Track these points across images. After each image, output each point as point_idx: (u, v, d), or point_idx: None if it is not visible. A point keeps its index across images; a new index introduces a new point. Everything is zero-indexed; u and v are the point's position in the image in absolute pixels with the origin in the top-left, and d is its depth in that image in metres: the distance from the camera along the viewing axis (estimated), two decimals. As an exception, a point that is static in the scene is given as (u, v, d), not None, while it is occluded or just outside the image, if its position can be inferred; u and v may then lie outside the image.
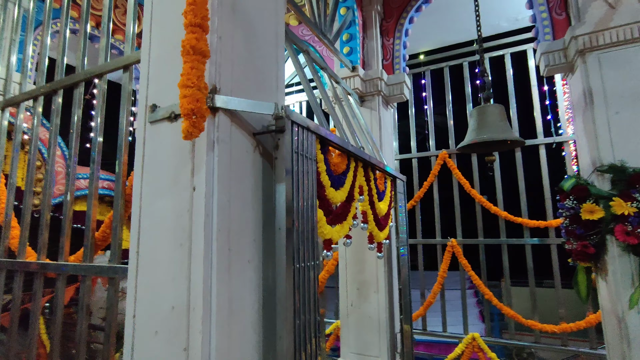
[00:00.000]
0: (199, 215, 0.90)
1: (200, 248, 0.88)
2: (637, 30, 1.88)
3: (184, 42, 0.88)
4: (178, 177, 0.97)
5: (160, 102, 1.05)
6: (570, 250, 2.03)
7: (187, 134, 0.84)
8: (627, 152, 1.82)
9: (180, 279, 0.91)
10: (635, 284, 1.75)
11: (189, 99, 0.84)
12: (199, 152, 0.94)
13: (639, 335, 1.72)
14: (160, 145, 1.03)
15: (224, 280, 0.91)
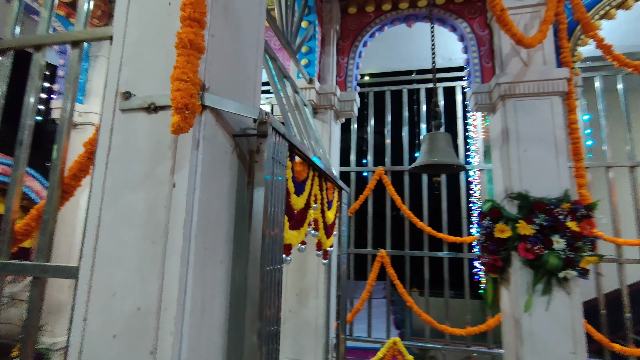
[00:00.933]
0: (178, 213, 0.88)
1: (178, 245, 0.86)
2: (542, 86, 2.32)
3: (181, 35, 0.86)
4: (154, 172, 0.93)
5: (135, 90, 0.99)
6: (483, 263, 2.37)
7: (177, 128, 0.82)
8: (531, 183, 2.21)
9: (150, 277, 0.87)
10: (529, 292, 2.11)
11: (183, 93, 0.82)
12: (181, 148, 0.91)
13: (529, 334, 2.07)
14: (133, 136, 0.97)
15: (199, 279, 0.90)
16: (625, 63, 2.28)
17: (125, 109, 0.99)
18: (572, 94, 2.29)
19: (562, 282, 2.06)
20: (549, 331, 2.05)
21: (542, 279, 2.09)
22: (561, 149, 2.24)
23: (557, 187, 2.18)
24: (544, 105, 2.30)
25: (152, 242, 0.89)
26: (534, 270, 2.11)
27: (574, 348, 2.01)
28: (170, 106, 0.93)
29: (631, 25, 3.12)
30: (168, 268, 0.86)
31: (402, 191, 3.77)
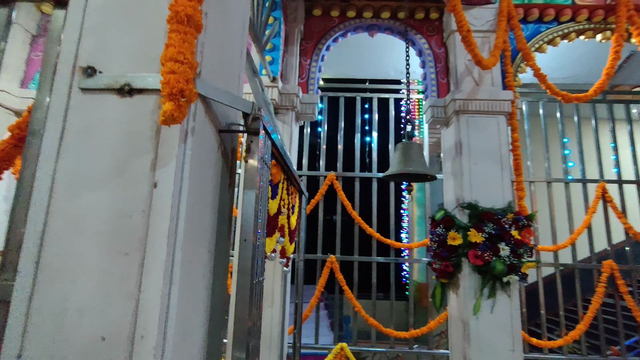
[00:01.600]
0: (161, 218, 0.73)
1: (161, 258, 0.71)
2: (490, 105, 2.52)
3: (177, 8, 0.72)
4: (126, 168, 0.76)
5: (101, 66, 0.81)
6: (434, 269, 2.48)
7: (168, 118, 0.68)
8: (480, 194, 2.37)
9: (120, 298, 0.70)
10: (477, 296, 2.25)
11: (179, 77, 0.68)
12: (166, 141, 0.76)
13: (476, 335, 2.21)
14: (98, 122, 0.78)
15: (183, 298, 0.75)
16: (556, 92, 2.59)
17: (87, 88, 0.80)
18: (515, 114, 2.52)
19: (505, 286, 2.24)
20: (493, 331, 2.20)
21: (488, 284, 2.24)
22: (505, 164, 2.44)
23: (502, 199, 2.37)
24: (491, 123, 2.50)
25: (124, 255, 0.72)
26: (481, 276, 2.26)
27: (512, 346, 2.19)
28: (152, 90, 0.78)
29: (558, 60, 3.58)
30: (147, 286, 0.70)
31: (353, 197, 3.81)
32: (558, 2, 2.69)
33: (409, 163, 1.91)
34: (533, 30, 2.75)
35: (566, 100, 2.56)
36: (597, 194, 3.69)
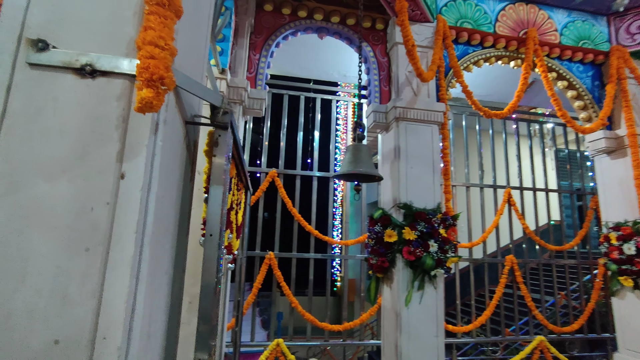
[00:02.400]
0: (129, 212, 0.68)
1: (128, 254, 0.67)
2: (426, 115, 2.76)
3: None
4: (88, 156, 0.69)
5: (56, 40, 0.73)
6: (371, 264, 2.64)
7: (145, 105, 0.64)
8: (415, 196, 2.59)
9: (79, 297, 0.64)
10: (408, 288, 2.46)
11: (159, 63, 0.65)
12: (135, 130, 0.71)
13: (407, 325, 2.42)
14: (51, 104, 0.70)
15: (149, 297, 0.71)
16: (479, 108, 2.94)
17: (37, 64, 0.71)
18: (446, 125, 2.81)
19: (432, 279, 2.48)
20: (421, 320, 2.43)
21: (419, 277, 2.47)
22: (436, 169, 2.70)
23: (432, 200, 2.62)
24: (427, 131, 2.74)
25: (85, 250, 0.66)
26: (413, 270, 2.47)
27: (436, 332, 2.44)
28: (119, 73, 0.73)
29: (479, 78, 4.05)
30: (112, 284, 0.65)
31: (293, 195, 3.85)
32: (483, 30, 3.05)
33: (359, 164, 2.01)
34: (462, 51, 3.08)
35: (487, 115, 2.93)
36: (504, 198, 4.26)
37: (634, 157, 3.05)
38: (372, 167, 2.09)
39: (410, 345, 2.38)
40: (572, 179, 4.65)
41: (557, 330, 4.11)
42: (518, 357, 3.82)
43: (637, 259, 2.87)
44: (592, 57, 3.31)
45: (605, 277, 4.07)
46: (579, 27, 3.29)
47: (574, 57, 3.30)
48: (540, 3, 3.22)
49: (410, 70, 2.83)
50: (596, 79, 3.37)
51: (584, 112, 3.35)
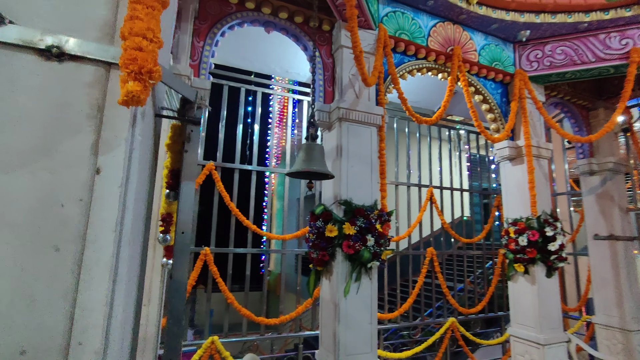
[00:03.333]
0: (106, 209, 0.64)
1: (107, 254, 0.63)
2: (366, 117, 2.94)
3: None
4: (54, 148, 0.63)
5: (13, 14, 0.65)
6: (312, 258, 2.74)
7: (132, 99, 0.61)
8: (354, 193, 2.75)
9: (48, 302, 0.59)
10: (347, 280, 2.62)
11: (148, 56, 0.62)
12: (112, 122, 0.67)
13: (345, 314, 2.57)
14: (8, 86, 0.62)
15: (125, 298, 0.68)
16: (412, 114, 3.22)
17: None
18: (384, 127, 3.02)
19: (368, 270, 2.67)
20: (357, 309, 2.61)
21: (356, 269, 2.64)
22: (374, 168, 2.90)
23: (370, 197, 2.81)
24: (366, 132, 2.92)
25: (54, 250, 0.60)
26: (351, 263, 2.63)
27: (370, 320, 2.64)
28: (91, 60, 0.68)
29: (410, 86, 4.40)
30: (88, 285, 0.61)
31: (232, 188, 3.76)
32: (417, 42, 3.34)
33: (313, 162, 2.07)
34: (399, 59, 3.33)
35: (418, 121, 3.22)
36: (427, 197, 4.72)
37: (528, 165, 3.64)
38: (325, 165, 2.18)
39: (348, 333, 2.54)
40: (481, 180, 5.33)
41: (465, 312, 4.71)
42: (433, 337, 4.30)
43: (528, 249, 3.45)
44: (501, 77, 3.84)
45: (502, 265, 4.79)
46: (492, 50, 3.79)
47: (488, 76, 3.80)
48: (464, 25, 3.64)
49: (354, 74, 2.98)
50: (504, 96, 3.93)
51: (494, 124, 3.89)
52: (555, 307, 3.52)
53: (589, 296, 4.82)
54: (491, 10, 3.53)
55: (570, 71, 3.74)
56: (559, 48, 3.77)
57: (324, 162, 2.18)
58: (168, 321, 0.82)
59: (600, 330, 4.35)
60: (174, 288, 0.84)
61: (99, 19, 0.67)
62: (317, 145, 2.21)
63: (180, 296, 0.84)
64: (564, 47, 3.76)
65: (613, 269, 4.23)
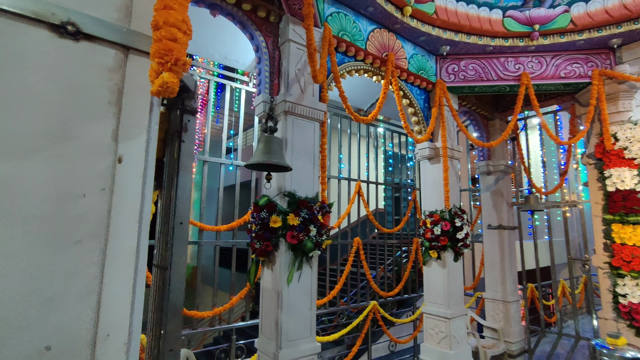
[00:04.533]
0: (129, 199, 0.63)
1: (131, 245, 0.62)
2: (310, 112, 3.04)
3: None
4: (72, 134, 0.59)
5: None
6: (255, 248, 2.76)
7: (166, 90, 0.61)
8: (298, 185, 2.85)
9: (72, 296, 0.56)
10: (289, 269, 2.71)
11: (182, 48, 0.62)
12: (131, 109, 0.65)
13: (287, 302, 2.67)
14: (19, 61, 0.56)
15: (142, 288, 0.67)
16: (351, 112, 3.43)
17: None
18: (325, 123, 3.16)
19: (309, 259, 2.81)
20: (299, 296, 2.73)
21: (298, 258, 2.75)
22: (316, 162, 3.03)
23: (312, 190, 2.94)
24: (310, 127, 3.03)
25: (76, 243, 0.57)
26: (294, 252, 2.73)
27: (310, 305, 2.79)
28: (111, 42, 0.65)
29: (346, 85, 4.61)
30: (112, 277, 0.59)
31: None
32: (358, 44, 3.55)
33: (272, 155, 2.09)
34: (340, 59, 3.50)
35: (356, 120, 3.44)
36: (356, 190, 5.05)
37: (444, 164, 4.17)
38: (283, 158, 2.21)
39: (290, 320, 2.64)
40: (401, 176, 5.88)
41: (384, 295, 5.20)
42: (358, 319, 4.66)
43: (441, 237, 3.98)
44: (425, 85, 4.31)
45: (417, 252, 5.40)
46: (419, 59, 4.22)
47: (414, 82, 4.22)
48: (397, 34, 3.97)
49: (300, 68, 3.04)
50: (426, 102, 4.41)
51: (417, 126, 4.35)
52: (459, 287, 4.14)
53: (482, 276, 5.75)
54: (420, 23, 3.92)
55: (479, 86, 4.38)
56: (471, 65, 4.38)
57: (282, 154, 2.22)
58: (168, 312, 0.82)
59: (488, 304, 5.24)
60: (172, 279, 0.83)
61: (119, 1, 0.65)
62: (276, 138, 2.24)
63: (179, 287, 0.84)
64: (475, 64, 4.38)
65: (500, 253, 5.14)
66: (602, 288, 4.06)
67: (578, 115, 4.65)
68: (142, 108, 0.66)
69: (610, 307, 3.96)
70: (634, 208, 3.78)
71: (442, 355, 3.89)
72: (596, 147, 4.13)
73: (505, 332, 4.97)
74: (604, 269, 4.01)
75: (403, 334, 5.67)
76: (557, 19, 4.03)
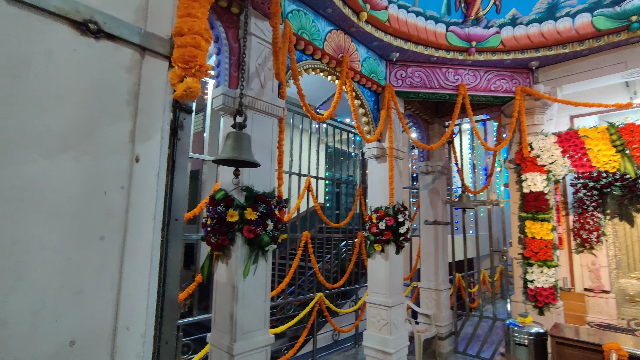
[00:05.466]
0: (145, 197, 0.65)
1: (147, 241, 0.64)
2: (269, 108, 3.07)
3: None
4: (96, 133, 0.60)
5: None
6: (210, 243, 2.73)
7: (189, 95, 0.64)
8: (256, 180, 2.87)
9: (97, 292, 0.58)
10: (246, 262, 2.74)
11: (204, 54, 0.66)
12: (147, 110, 0.66)
13: (242, 295, 2.69)
14: (45, 58, 0.55)
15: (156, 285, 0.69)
16: (308, 110, 3.51)
17: (20, 0, 0.54)
18: (283, 119, 3.21)
19: (265, 253, 2.86)
20: (254, 289, 2.77)
21: (255, 252, 2.78)
22: (273, 157, 3.07)
23: (269, 185, 2.98)
24: (269, 123, 3.06)
25: (100, 239, 0.58)
26: (250, 246, 2.76)
27: (265, 298, 2.85)
28: (130, 43, 0.66)
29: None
30: (130, 273, 0.61)
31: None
32: (316, 44, 3.64)
33: (243, 151, 2.07)
34: (299, 57, 3.56)
35: (312, 118, 3.54)
36: (306, 185, 5.17)
37: (390, 163, 4.47)
38: (252, 155, 2.21)
39: (245, 313, 2.68)
40: (342, 172, 6.13)
41: (330, 286, 5.42)
42: (305, 310, 4.82)
43: (386, 232, 4.28)
44: (375, 87, 4.55)
45: (360, 246, 5.70)
46: (371, 63, 4.44)
47: (366, 84, 4.44)
48: (353, 36, 4.14)
49: (260, 63, 3.05)
50: (376, 104, 4.66)
51: (367, 127, 4.59)
52: (400, 277, 4.50)
53: (417, 267, 6.27)
54: (374, 29, 4.13)
55: (423, 92, 4.75)
56: (417, 72, 4.73)
57: (251, 151, 2.23)
58: (164, 305, 0.84)
59: (423, 292, 5.75)
60: (168, 274, 0.85)
61: (134, 0, 0.66)
62: (245, 134, 2.23)
63: (175, 281, 0.86)
64: (420, 72, 4.74)
65: (435, 246, 5.66)
66: (516, 276, 4.71)
67: (503, 124, 5.28)
68: (157, 109, 0.68)
69: (520, 291, 4.62)
70: (542, 207, 4.44)
71: (383, 341, 4.21)
72: (516, 154, 4.75)
73: (437, 318, 5.51)
74: (518, 259, 4.66)
75: (344, 324, 5.97)
76: (490, 39, 4.53)
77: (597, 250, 5.12)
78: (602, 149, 4.10)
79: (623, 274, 5.23)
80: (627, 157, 3.99)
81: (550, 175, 4.46)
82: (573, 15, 4.29)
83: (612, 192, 5.11)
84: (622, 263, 5.23)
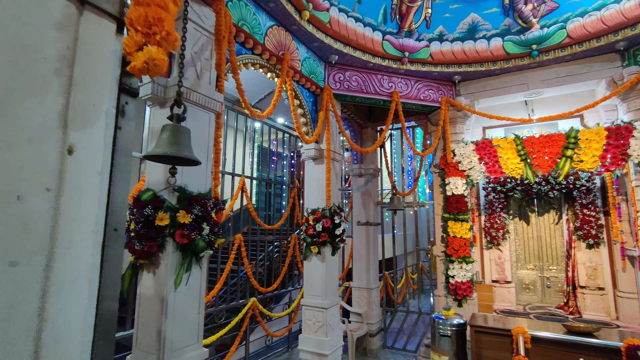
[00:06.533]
0: (83, 203, 0.47)
1: (85, 263, 0.47)
2: (207, 102, 2.82)
3: None
4: (3, 110, 0.41)
5: None
6: (136, 250, 2.40)
7: (154, 68, 0.49)
8: (189, 179, 2.60)
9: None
10: (177, 271, 2.46)
11: (171, 19, 0.51)
12: (88, 85, 0.48)
13: (172, 308, 2.41)
14: None
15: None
16: (247, 106, 3.32)
17: None
18: (221, 115, 2.98)
19: (199, 260, 2.61)
20: (187, 300, 2.50)
21: (188, 259, 2.52)
22: (210, 155, 2.83)
23: (204, 185, 2.74)
24: (205, 117, 2.81)
25: (10, 265, 0.39)
26: (183, 253, 2.49)
27: (198, 309, 2.60)
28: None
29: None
30: (58, 311, 0.42)
31: None
32: (256, 38, 3.47)
33: (181, 147, 1.79)
34: (238, 49, 3.35)
35: (252, 115, 3.36)
36: (240, 185, 4.93)
37: (327, 165, 4.49)
38: (192, 151, 1.94)
39: (175, 327, 2.40)
40: (283, 173, 6.01)
41: (264, 290, 5.24)
42: (238, 317, 4.58)
43: (322, 233, 4.27)
44: (314, 88, 4.53)
45: (294, 248, 5.63)
46: (311, 63, 4.41)
47: (305, 85, 4.39)
48: (294, 35, 4.05)
49: (197, 52, 2.78)
50: (314, 105, 4.64)
51: (305, 127, 4.54)
52: (335, 278, 4.53)
53: (350, 267, 6.42)
54: (316, 29, 4.10)
55: (360, 96, 4.87)
56: (354, 76, 4.83)
57: (191, 147, 1.97)
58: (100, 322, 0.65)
59: (355, 291, 5.90)
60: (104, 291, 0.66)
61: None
62: (185, 128, 1.96)
63: (114, 314, 0.67)
64: (358, 77, 4.85)
65: (366, 246, 5.85)
66: (438, 272, 5.10)
67: (429, 132, 5.70)
68: (101, 84, 0.51)
69: (443, 286, 5.01)
70: (462, 209, 4.88)
71: (319, 343, 4.19)
72: (441, 159, 5.15)
73: (368, 315, 5.70)
74: (441, 256, 5.05)
75: (276, 328, 5.84)
76: (421, 51, 4.85)
77: (502, 246, 5.81)
78: (510, 157, 4.66)
79: (521, 266, 6.03)
80: (528, 165, 4.59)
81: (468, 180, 4.93)
82: (489, 38, 4.81)
83: (514, 195, 5.85)
84: (520, 256, 6.02)
